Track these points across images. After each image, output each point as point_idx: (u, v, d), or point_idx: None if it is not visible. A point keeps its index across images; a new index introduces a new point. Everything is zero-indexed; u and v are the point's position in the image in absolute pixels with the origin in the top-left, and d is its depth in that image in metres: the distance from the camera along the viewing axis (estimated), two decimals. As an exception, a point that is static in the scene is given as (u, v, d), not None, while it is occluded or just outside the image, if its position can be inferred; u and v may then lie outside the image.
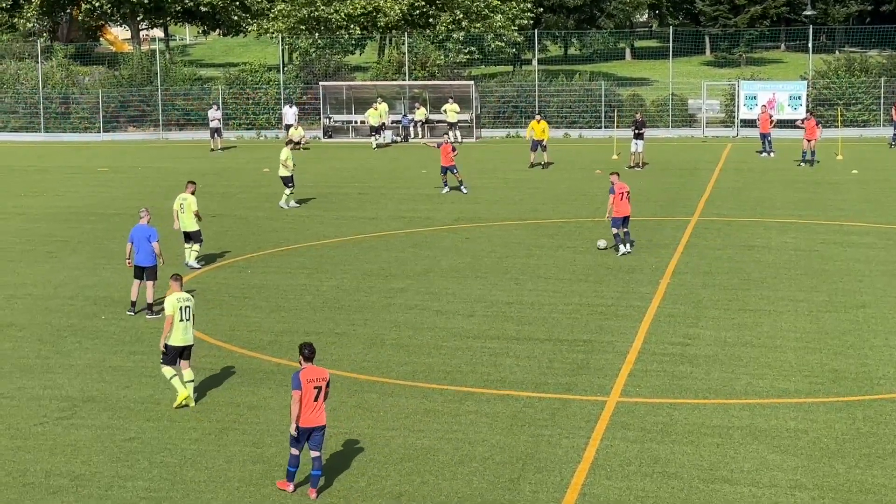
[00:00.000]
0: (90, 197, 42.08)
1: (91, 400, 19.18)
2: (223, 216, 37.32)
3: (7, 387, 19.87)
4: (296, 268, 29.54)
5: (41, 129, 66.86)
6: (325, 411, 15.44)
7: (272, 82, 66.66)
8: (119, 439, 17.35)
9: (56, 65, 69.24)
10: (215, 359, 21.50)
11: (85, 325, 23.94)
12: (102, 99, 66.53)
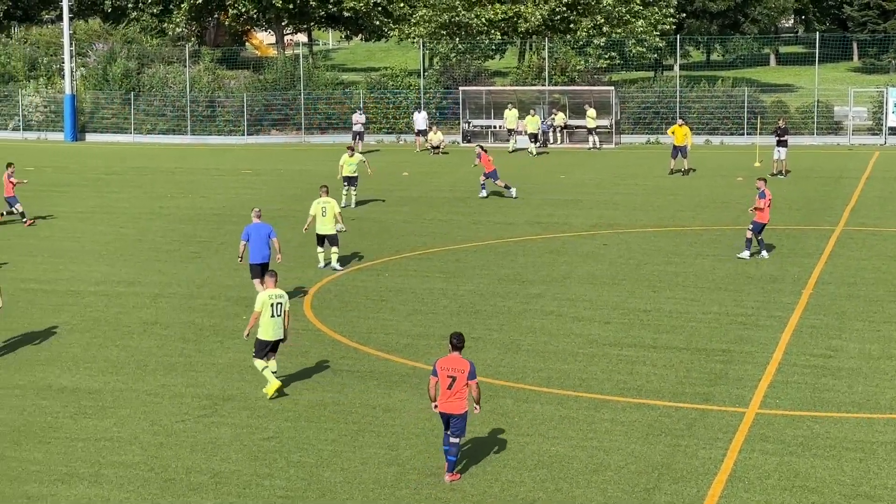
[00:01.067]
0: (233, 199, 42.86)
1: (231, 399, 19.52)
2: (362, 219, 37.67)
3: (151, 384, 20.33)
4: (433, 272, 29.67)
5: (188, 132, 68.35)
6: (465, 401, 15.76)
7: (412, 87, 67.11)
8: (258, 438, 17.61)
9: (203, 69, 70.71)
10: (352, 361, 21.71)
11: (226, 325, 24.37)
12: (247, 102, 67.75)
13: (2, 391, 19.83)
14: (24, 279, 28.86)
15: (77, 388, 20.06)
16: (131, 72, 69.85)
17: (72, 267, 30.48)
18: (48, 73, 72.48)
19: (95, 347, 22.60)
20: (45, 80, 71.87)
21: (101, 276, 29.25)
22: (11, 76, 72.40)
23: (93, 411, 18.83)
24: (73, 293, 27.35)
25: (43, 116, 70.63)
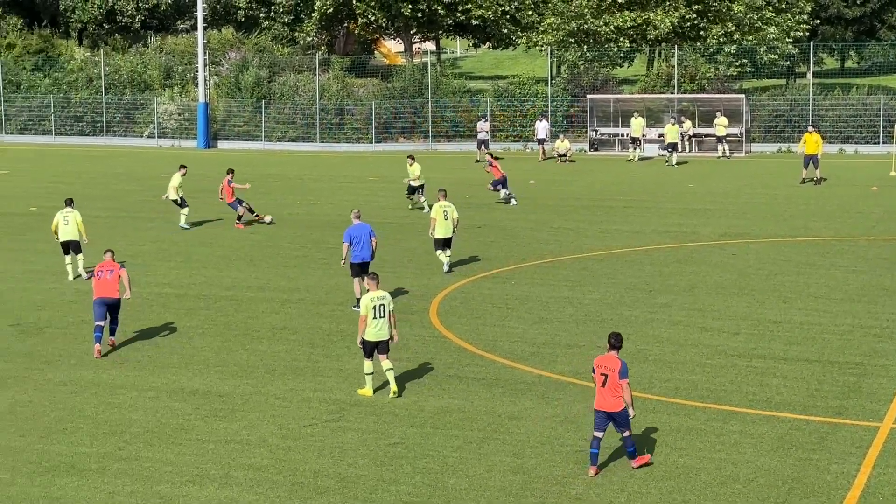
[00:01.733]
0: (360, 206, 43.16)
1: (358, 404, 19.69)
2: (488, 227, 37.73)
3: (280, 388, 20.61)
4: (559, 280, 29.58)
5: (316, 139, 69.24)
6: (622, 398, 16.19)
7: (539, 95, 67.04)
8: (384, 444, 17.73)
9: (332, 77, 71.57)
10: (478, 368, 21.74)
11: (354, 331, 24.49)
12: (375, 110, 68.38)
13: (136, 393, 20.29)
14: (158, 283, 29.51)
15: (208, 390, 20.44)
16: (262, 80, 71.03)
17: (203, 272, 31.06)
18: (182, 82, 74.07)
19: (226, 351, 23.00)
20: (180, 88, 73.46)
21: (231, 282, 29.76)
22: (147, 85, 74.15)
23: (223, 414, 19.16)
24: (205, 297, 27.87)
25: (177, 124, 72.18)
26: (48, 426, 18.51)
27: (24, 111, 75.43)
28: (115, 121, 73.78)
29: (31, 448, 17.51)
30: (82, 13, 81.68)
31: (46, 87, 75.42)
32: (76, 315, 26.03)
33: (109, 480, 16.27)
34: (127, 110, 73.64)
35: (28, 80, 76.17)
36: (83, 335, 24.21)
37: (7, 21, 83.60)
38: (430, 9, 75.35)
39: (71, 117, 74.55)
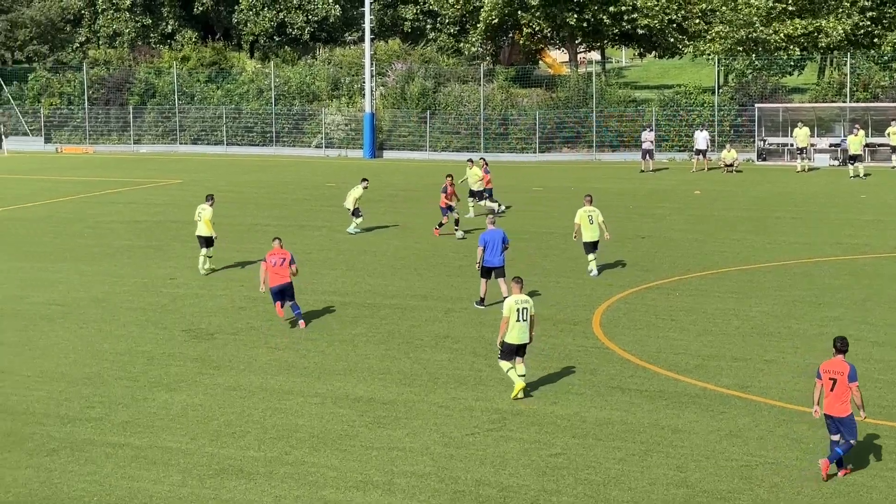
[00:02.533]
0: (524, 216, 43.28)
1: (519, 414, 19.70)
2: (652, 237, 37.40)
3: (443, 396, 20.75)
4: (724, 292, 29.13)
5: (481, 149, 69.55)
6: (849, 405, 16.27)
7: (706, 104, 66.17)
8: (545, 454, 17.71)
9: (497, 87, 71.85)
10: (640, 379, 21.56)
11: (516, 340, 24.60)
12: (539, 120, 68.39)
13: (302, 399, 20.65)
14: (323, 291, 30.00)
15: (372, 398, 20.69)
16: (428, 91, 71.70)
17: (368, 280, 31.47)
18: (349, 93, 75.25)
19: (389, 359, 23.25)
20: (347, 99, 74.64)
21: (395, 290, 30.08)
22: (315, 96, 75.54)
23: (387, 421, 19.37)
24: (370, 306, 28.22)
25: (344, 134, 73.35)
26: (218, 430, 18.98)
27: (197, 122, 77.59)
28: (284, 131, 75.33)
29: (201, 451, 17.98)
30: (254, 26, 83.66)
31: (219, 98, 77.45)
32: (245, 321, 26.64)
33: (276, 484, 16.60)
34: (295, 121, 75.13)
35: (201, 91, 78.35)
36: (252, 341, 24.78)
37: (182, 35, 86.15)
38: (595, 18, 75.06)
39: (242, 128, 76.37)
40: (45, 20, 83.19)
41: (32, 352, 24.04)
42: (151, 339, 25.01)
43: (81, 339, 25.08)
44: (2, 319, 27.07)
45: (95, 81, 79.96)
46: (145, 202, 49.40)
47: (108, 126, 79.55)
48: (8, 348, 24.34)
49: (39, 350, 24.18)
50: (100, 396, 20.80)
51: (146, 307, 28.27)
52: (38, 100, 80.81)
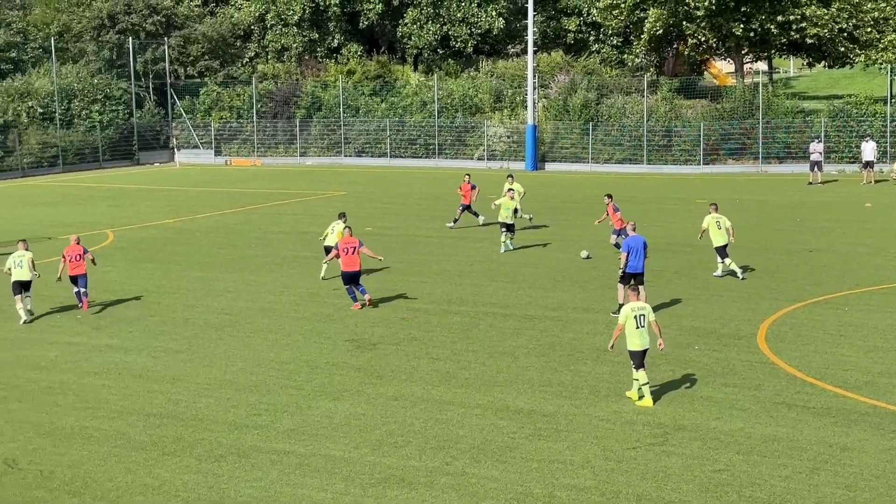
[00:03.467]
0: (687, 229, 42.77)
1: (682, 428, 19.44)
2: (821, 251, 36.57)
3: (604, 409, 20.61)
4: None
5: (643, 161, 69.00)
6: None
7: (878, 115, 64.44)
8: (709, 469, 17.44)
9: (660, 98, 71.19)
10: (807, 396, 21.07)
11: (678, 354, 24.32)
12: (703, 132, 67.51)
13: (463, 410, 20.74)
14: (485, 302, 30.09)
15: (533, 409, 20.66)
16: (590, 102, 71.43)
17: (530, 292, 31.45)
18: (512, 105, 75.44)
19: (550, 371, 23.19)
20: (509, 111, 74.82)
21: (557, 302, 30.00)
22: (478, 108, 75.92)
23: (547, 433, 19.32)
24: (530, 318, 28.21)
25: (506, 146, 73.52)
26: (380, 439, 19.18)
27: (361, 134, 78.68)
28: (447, 143, 75.87)
29: (363, 459, 18.19)
30: (418, 39, 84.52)
31: (383, 111, 78.43)
32: (407, 332, 26.88)
33: (437, 494, 16.69)
34: (458, 133, 75.61)
35: (366, 104, 79.46)
36: (414, 351, 24.99)
37: (348, 49, 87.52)
38: (762, 28, 73.74)
39: (405, 140, 77.18)
40: (217, 36, 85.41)
41: (201, 359, 24.66)
42: (315, 349, 25.43)
43: (248, 348, 25.64)
44: (174, 327, 27.85)
45: (264, 95, 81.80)
46: (310, 213, 50.27)
47: (276, 139, 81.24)
48: (178, 356, 25.02)
49: (208, 358, 24.79)
50: (265, 404, 21.23)
51: (311, 317, 28.76)
52: (209, 113, 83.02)
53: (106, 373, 23.66)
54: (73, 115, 78.62)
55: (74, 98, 78.84)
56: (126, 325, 28.12)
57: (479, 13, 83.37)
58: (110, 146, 79.74)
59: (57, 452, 18.67)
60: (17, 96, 76.17)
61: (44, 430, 19.85)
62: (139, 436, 19.45)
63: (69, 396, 21.92)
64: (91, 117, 78.82)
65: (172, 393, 22.05)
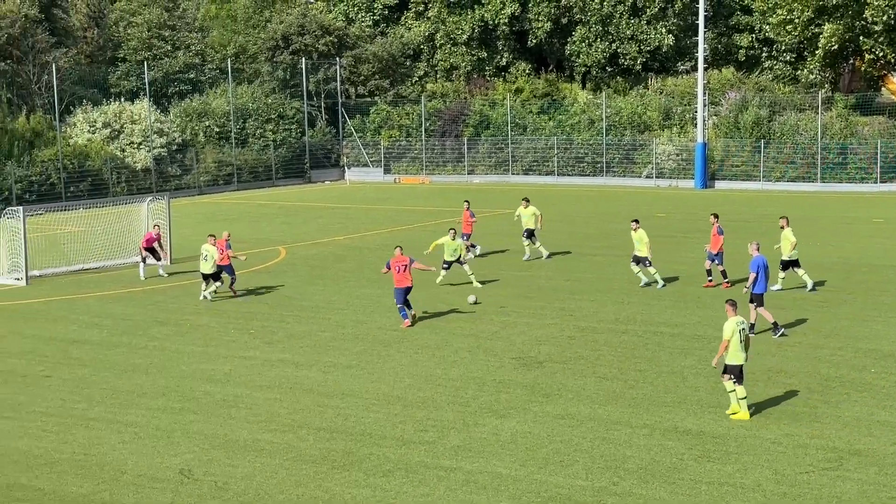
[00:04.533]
0: (863, 248, 41.68)
1: (857, 453, 18.94)
2: None
3: (775, 432, 20.21)
4: None
5: (817, 179, 67.50)
6: None
7: None
8: (885, 496, 16.94)
9: (835, 115, 69.59)
10: None
11: (853, 377, 23.71)
12: (881, 149, 65.72)
13: (630, 429, 20.57)
14: (652, 322, 29.81)
15: (702, 431, 20.37)
16: (762, 120, 70.25)
17: (699, 312, 31.04)
18: (681, 122, 74.65)
19: (719, 393, 22.81)
20: (678, 129, 74.06)
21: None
22: (647, 125, 75.35)
23: (716, 455, 19.03)
24: (699, 337, 27.83)
25: (675, 164, 72.76)
26: (546, 457, 19.15)
27: (529, 152, 78.79)
28: (615, 161, 75.46)
29: (530, 478, 18.18)
30: (587, 57, 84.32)
31: (550, 129, 78.44)
32: (574, 350, 26.79)
33: (603, 514, 16.60)
34: (626, 151, 75.14)
35: (534, 122, 79.58)
36: (581, 370, 24.89)
37: (516, 67, 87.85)
38: (943, 42, 71.58)
39: (572, 158, 77.02)
40: (387, 56, 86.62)
41: (370, 375, 24.98)
42: (482, 366, 25.52)
43: (416, 364, 25.87)
44: (344, 342, 28.28)
45: (432, 114, 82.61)
46: (478, 231, 50.49)
47: (444, 157, 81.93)
48: (348, 371, 25.39)
49: (377, 374, 25.09)
50: (433, 420, 21.38)
51: (477, 334, 28.88)
52: (379, 132, 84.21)
53: (278, 387, 24.15)
54: (248, 134, 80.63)
55: (249, 117, 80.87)
56: (297, 341, 28.66)
57: (649, 30, 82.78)
58: (283, 164, 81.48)
59: (230, 464, 19.12)
60: (195, 116, 78.45)
61: (218, 441, 20.36)
62: (310, 449, 19.80)
63: (242, 409, 22.44)
64: (265, 136, 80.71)
65: (342, 408, 22.39)
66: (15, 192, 65.50)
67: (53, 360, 27.11)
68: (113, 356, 27.42)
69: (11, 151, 67.52)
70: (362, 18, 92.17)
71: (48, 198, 65.90)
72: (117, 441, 20.47)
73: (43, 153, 68.60)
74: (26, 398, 23.68)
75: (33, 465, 19.26)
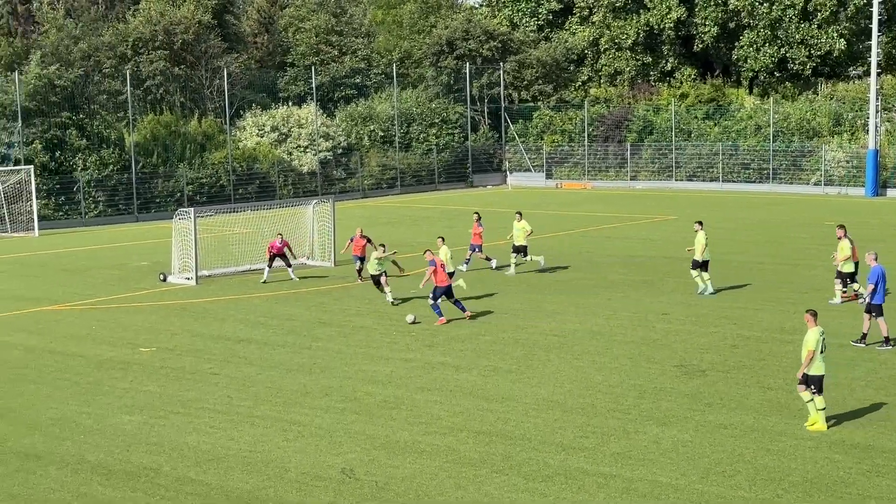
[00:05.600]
0: None
1: None
2: None
3: (947, 449, 19.60)
4: None
5: None
6: None
7: None
8: None
9: None
10: None
11: None
12: None
13: (795, 441, 20.15)
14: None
15: (871, 445, 19.85)
16: (939, 126, 68.22)
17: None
18: (852, 129, 72.85)
19: (892, 406, 22.20)
20: (849, 135, 72.29)
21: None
22: (816, 132, 73.72)
23: (886, 470, 18.52)
24: (869, 349, 27.12)
25: (844, 171, 71.05)
26: (707, 467, 18.89)
27: (693, 158, 77.84)
28: (782, 168, 74.02)
29: (691, 487, 17.96)
30: (754, 62, 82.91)
31: (716, 134, 77.36)
32: (737, 359, 26.37)
33: (766, 527, 16.30)
34: (794, 157, 73.64)
35: (698, 128, 78.61)
36: (744, 379, 24.49)
37: (682, 72, 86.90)
38: None
39: (738, 164, 75.81)
40: (551, 61, 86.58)
41: (530, 380, 24.99)
42: (643, 373, 25.30)
43: (576, 370, 25.78)
44: (504, 346, 28.34)
45: (595, 119, 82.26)
46: (640, 237, 50.13)
47: (606, 162, 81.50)
48: (508, 375, 25.44)
49: (537, 378, 25.09)
50: (593, 427, 21.28)
51: (639, 341, 28.65)
52: (541, 137, 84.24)
53: (438, 389, 24.33)
54: (412, 139, 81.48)
55: (413, 122, 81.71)
56: (458, 344, 28.83)
57: (820, 35, 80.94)
58: (446, 168, 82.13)
59: (391, 465, 19.33)
60: (360, 120, 79.60)
61: (379, 442, 20.61)
62: (469, 452, 19.89)
63: (403, 411, 22.66)
64: (428, 140, 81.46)
65: (502, 412, 22.44)
66: (186, 193, 67.46)
67: (221, 358, 27.80)
68: (278, 355, 28.00)
69: (184, 154, 69.56)
70: (526, 23, 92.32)
71: (217, 199, 67.70)
72: (282, 439, 20.89)
73: (213, 156, 70.47)
74: (195, 394, 24.34)
75: (201, 460, 19.79)
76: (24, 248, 52.72)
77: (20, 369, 27.12)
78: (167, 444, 20.77)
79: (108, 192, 65.57)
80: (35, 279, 42.35)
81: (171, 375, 26.16)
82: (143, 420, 22.40)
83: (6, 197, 60.54)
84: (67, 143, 64.87)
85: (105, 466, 19.53)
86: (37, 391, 24.95)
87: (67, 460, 19.91)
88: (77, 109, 66.50)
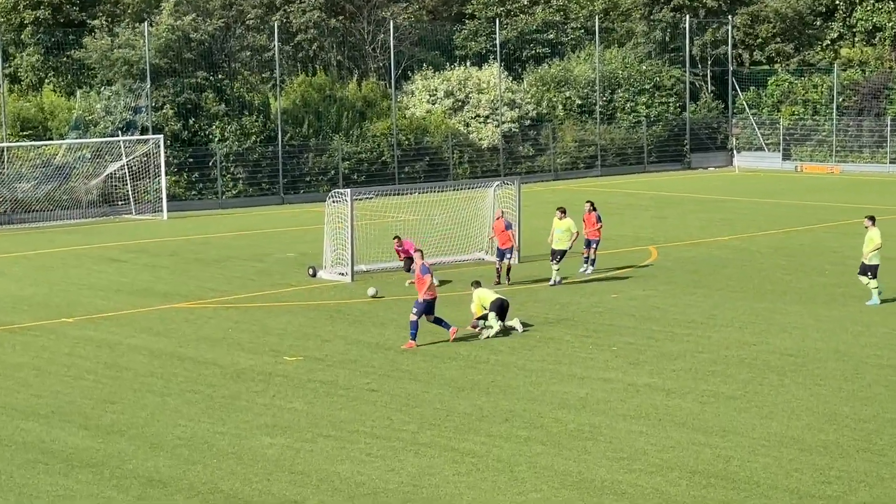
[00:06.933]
0: None
1: None
2: None
3: None
4: None
5: None
6: None
7: None
8: None
9: None
10: None
11: None
12: None
13: None
14: None
15: None
16: None
17: None
18: None
19: None
20: None
21: None
22: None
23: None
24: None
25: None
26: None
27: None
28: None
29: None
30: None
31: None
32: None
33: None
34: None
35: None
36: None
37: None
38: None
39: None
40: (793, 13, 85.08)
41: (759, 409, 24.68)
42: (903, 406, 24.80)
43: (817, 398, 25.38)
44: (726, 367, 28.07)
45: (847, 87, 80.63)
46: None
47: (860, 141, 79.93)
48: (731, 402, 25.17)
49: (767, 408, 24.77)
50: (837, 470, 20.91)
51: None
52: (778, 108, 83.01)
53: (644, 417, 24.22)
54: (616, 108, 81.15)
55: (618, 88, 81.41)
56: (669, 362, 28.66)
57: None
58: (657, 146, 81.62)
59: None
60: (553, 85, 79.62)
61: (570, 480, 20.59)
62: (682, 497, 19.74)
63: (600, 443, 22.62)
64: (636, 111, 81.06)
65: (723, 448, 22.22)
66: (342, 171, 68.34)
67: (380, 372, 28.14)
68: (448, 370, 28.22)
69: (340, 123, 70.33)
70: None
71: (379, 179, 68.48)
72: (452, 472, 21.04)
73: (375, 126, 71.26)
74: (349, 414, 24.69)
75: (355, 494, 20.04)
76: (150, 234, 54.21)
77: (144, 378, 27.90)
78: (315, 473, 21.10)
79: (249, 168, 66.91)
80: (162, 270, 43.52)
81: (321, 391, 26.59)
82: (286, 443, 22.81)
83: (131, 172, 62.06)
84: (203, 108, 66.32)
85: (241, 497, 19.95)
86: (163, 404, 25.63)
87: (198, 488, 20.39)
88: (215, 69, 67.94)
